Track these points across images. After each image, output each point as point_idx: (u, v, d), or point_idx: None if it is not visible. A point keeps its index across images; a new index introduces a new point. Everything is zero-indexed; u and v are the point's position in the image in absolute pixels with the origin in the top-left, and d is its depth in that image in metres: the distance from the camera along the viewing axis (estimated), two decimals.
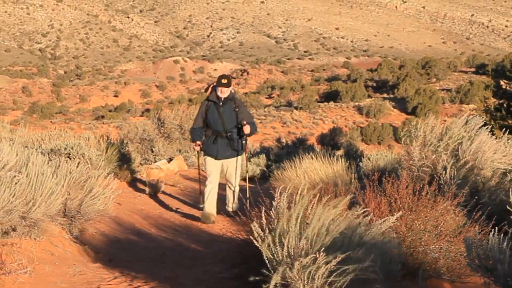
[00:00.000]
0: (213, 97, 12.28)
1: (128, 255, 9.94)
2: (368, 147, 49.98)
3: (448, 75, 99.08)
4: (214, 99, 12.25)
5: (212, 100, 12.27)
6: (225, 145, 12.21)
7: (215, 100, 12.22)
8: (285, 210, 6.14)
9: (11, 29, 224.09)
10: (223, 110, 12.13)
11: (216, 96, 12.21)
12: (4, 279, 7.04)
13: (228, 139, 12.20)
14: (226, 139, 12.20)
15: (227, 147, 12.23)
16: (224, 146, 12.22)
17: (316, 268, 5.66)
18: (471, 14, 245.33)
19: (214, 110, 12.19)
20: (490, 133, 10.14)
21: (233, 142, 12.22)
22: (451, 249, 7.38)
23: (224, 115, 12.13)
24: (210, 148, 12.31)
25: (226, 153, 12.26)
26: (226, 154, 12.28)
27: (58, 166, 9.61)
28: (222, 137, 12.21)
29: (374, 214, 7.40)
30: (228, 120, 12.16)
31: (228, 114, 12.14)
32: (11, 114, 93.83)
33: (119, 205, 13.17)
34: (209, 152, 12.36)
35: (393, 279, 6.61)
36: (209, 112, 12.26)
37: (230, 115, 12.16)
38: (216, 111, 12.17)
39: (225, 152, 12.24)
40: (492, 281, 5.70)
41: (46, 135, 18.57)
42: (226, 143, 12.20)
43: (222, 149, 12.22)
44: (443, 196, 7.82)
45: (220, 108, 12.14)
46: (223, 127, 12.15)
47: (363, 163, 15.40)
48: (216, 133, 12.25)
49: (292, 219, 6.01)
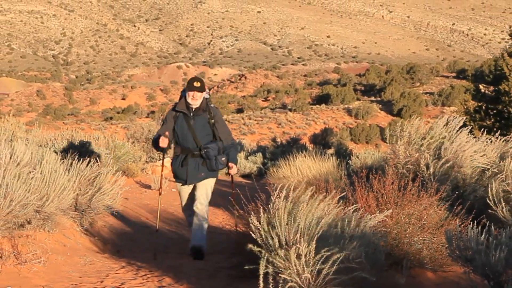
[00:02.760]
0: (181, 106, 9.04)
1: (134, 246, 9.94)
2: (356, 146, 50.03)
3: (431, 79, 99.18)
4: (183, 109, 9.02)
5: (181, 111, 9.03)
6: (199, 166, 8.91)
7: (184, 110, 9.01)
8: (279, 205, 6.14)
9: (27, 37, 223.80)
10: (194, 123, 8.96)
11: (186, 105, 9.03)
12: (20, 268, 7.05)
13: (204, 157, 8.87)
14: (200, 158, 8.91)
15: (202, 167, 8.91)
16: (197, 167, 8.91)
17: (306, 257, 5.66)
18: (452, 23, 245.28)
19: (183, 123, 8.99)
20: (470, 133, 10.15)
21: (210, 161, 8.86)
22: (433, 240, 7.39)
23: (197, 128, 8.94)
24: (178, 171, 9.11)
25: (199, 175, 8.94)
26: (200, 176, 8.95)
27: (70, 164, 9.61)
28: (194, 156, 8.93)
29: (363, 208, 7.41)
30: (201, 134, 8.95)
31: (201, 128, 8.95)
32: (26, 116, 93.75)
33: (126, 200, 13.17)
34: (177, 176, 9.19)
35: (380, 268, 6.60)
36: (177, 126, 9.07)
37: (204, 128, 8.97)
38: (185, 123, 8.97)
39: (198, 174, 8.93)
40: (471, 270, 5.70)
41: (59, 135, 18.58)
42: (201, 162, 8.90)
43: (194, 171, 8.93)
44: (426, 191, 7.83)
45: (190, 120, 8.96)
46: (196, 142, 8.91)
47: (352, 161, 15.42)
48: (186, 151, 9.00)
49: (285, 213, 6.02)
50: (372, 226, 6.84)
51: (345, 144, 41.03)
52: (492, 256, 5.45)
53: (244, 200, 7.37)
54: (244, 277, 6.66)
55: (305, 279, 5.68)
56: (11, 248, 7.34)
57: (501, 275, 5.46)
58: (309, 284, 5.71)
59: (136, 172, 18.98)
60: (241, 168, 26.63)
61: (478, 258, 5.54)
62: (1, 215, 7.24)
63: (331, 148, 36.83)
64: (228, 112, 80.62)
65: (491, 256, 5.46)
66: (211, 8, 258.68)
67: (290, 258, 5.70)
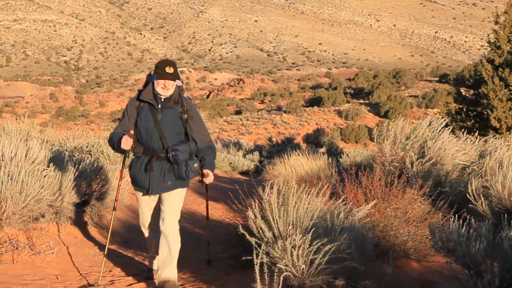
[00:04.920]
0: (147, 95, 6.48)
1: (140, 238, 9.93)
2: (346, 145, 49.98)
3: (415, 83, 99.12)
4: (149, 98, 6.46)
5: (146, 101, 6.47)
6: (165, 172, 6.42)
7: (151, 100, 6.45)
8: (274, 200, 6.14)
9: (40, 44, 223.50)
10: (162, 117, 6.42)
11: (153, 94, 6.47)
12: (35, 259, 7.05)
13: (172, 162, 6.38)
14: (167, 163, 6.41)
15: (169, 175, 6.42)
16: (162, 174, 6.42)
17: (299, 248, 5.67)
18: (435, 31, 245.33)
19: (149, 116, 6.44)
20: (451, 133, 10.17)
21: (178, 167, 6.37)
22: (418, 233, 7.40)
23: (165, 124, 6.41)
24: (139, 177, 6.51)
25: (165, 184, 6.43)
26: (165, 186, 6.44)
27: (81, 161, 9.60)
28: (159, 159, 6.42)
29: (352, 202, 7.42)
30: (170, 132, 6.42)
31: (170, 124, 6.43)
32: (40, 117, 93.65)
33: (132, 195, 13.16)
34: (138, 183, 6.59)
35: (367, 258, 6.61)
36: (140, 119, 6.49)
37: (174, 125, 6.44)
38: (151, 117, 6.44)
39: (163, 182, 6.43)
40: (453, 261, 5.71)
41: (70, 135, 18.56)
42: (167, 168, 6.41)
43: (159, 179, 6.42)
44: (411, 187, 7.84)
45: (158, 114, 6.42)
46: (162, 143, 6.39)
47: (343, 159, 15.41)
48: (150, 152, 6.45)
49: (280, 207, 6.02)
50: (360, 218, 6.86)
51: (336, 144, 41.05)
52: (472, 247, 5.46)
53: (242, 195, 7.37)
54: (242, 267, 6.66)
55: (299, 268, 5.68)
56: (26, 240, 7.34)
57: (480, 264, 5.46)
58: (302, 273, 5.71)
59: None
60: (240, 165, 26.63)
61: (459, 249, 5.55)
62: (17, 209, 7.24)
63: (323, 147, 36.84)
64: (228, 114, 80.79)
65: (471, 247, 5.47)
66: (211, 17, 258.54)
67: (286, 249, 5.70)
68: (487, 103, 16.27)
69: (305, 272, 5.68)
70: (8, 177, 7.19)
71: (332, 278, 5.81)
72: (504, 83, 16.11)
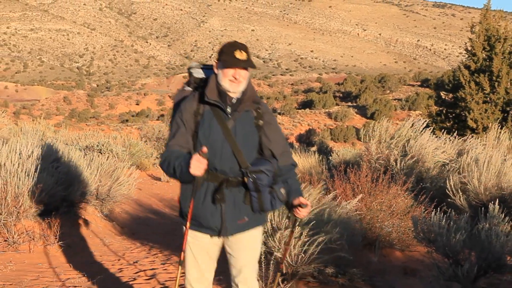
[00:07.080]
0: (211, 94, 3.71)
1: (147, 229, 9.93)
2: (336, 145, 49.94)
3: (399, 88, 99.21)
4: (214, 98, 3.70)
5: (213, 102, 3.70)
6: (239, 203, 3.70)
7: (219, 102, 3.70)
8: None
9: (55, 51, 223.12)
10: (234, 126, 3.70)
11: (218, 92, 3.72)
12: (49, 248, 7.05)
13: (250, 188, 3.66)
14: (239, 190, 3.69)
15: (245, 207, 3.71)
16: (237, 207, 3.71)
17: (294, 239, 5.67)
18: (417, 39, 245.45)
19: (215, 126, 3.70)
20: (432, 133, 10.18)
21: (260, 196, 3.67)
22: (401, 225, 7.42)
23: (239, 135, 3.70)
24: (204, 213, 3.72)
25: (240, 221, 3.72)
26: (242, 223, 3.74)
27: (92, 159, 9.59)
28: (229, 186, 3.68)
29: (341, 197, 7.43)
30: (247, 147, 3.72)
31: (245, 134, 3.73)
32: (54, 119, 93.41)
33: (140, 190, 13.14)
34: (199, 221, 3.75)
35: (356, 248, 6.62)
36: (202, 130, 3.71)
37: (249, 136, 3.75)
38: (219, 126, 3.70)
39: (237, 219, 3.72)
40: (433, 250, 5.72)
41: (82, 135, 18.55)
42: (242, 198, 3.70)
43: (233, 213, 3.71)
44: (395, 183, 7.85)
45: (228, 121, 3.70)
46: (239, 162, 3.68)
47: (332, 157, 15.39)
48: (218, 177, 3.70)
49: None
50: (349, 211, 6.87)
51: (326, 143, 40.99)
52: (452, 238, 5.47)
53: None
54: None
55: (294, 257, 5.68)
56: (41, 231, 7.33)
57: (459, 254, 5.48)
58: (296, 262, 5.70)
59: (148, 166, 18.98)
60: None
61: (439, 240, 5.56)
62: (33, 202, 7.23)
63: (314, 146, 36.78)
64: None
65: (451, 238, 5.48)
66: (212, 27, 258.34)
67: (281, 241, 5.69)
68: (464, 105, 16.29)
69: (299, 261, 5.68)
70: (25, 174, 7.18)
71: (323, 266, 5.81)
72: (479, 87, 16.12)
